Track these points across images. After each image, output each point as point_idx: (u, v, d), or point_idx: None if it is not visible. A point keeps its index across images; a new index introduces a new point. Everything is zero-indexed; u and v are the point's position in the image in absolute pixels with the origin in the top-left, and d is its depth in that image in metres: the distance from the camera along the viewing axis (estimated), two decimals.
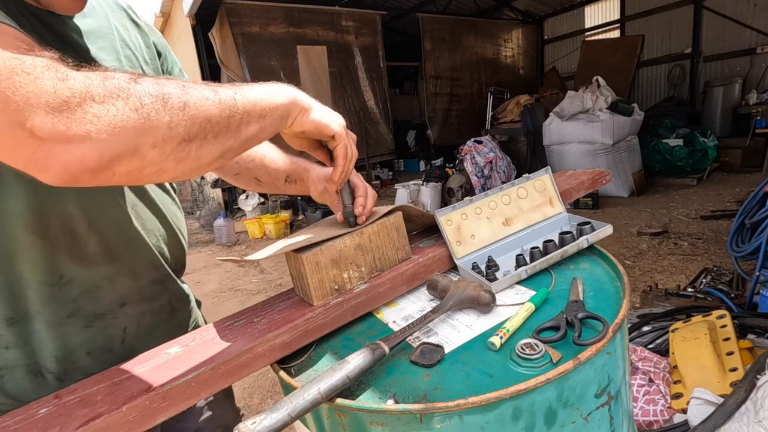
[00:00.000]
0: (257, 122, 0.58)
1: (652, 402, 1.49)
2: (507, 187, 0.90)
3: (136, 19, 0.85)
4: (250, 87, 0.60)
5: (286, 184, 0.95)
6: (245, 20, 7.51)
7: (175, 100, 0.49)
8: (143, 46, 0.84)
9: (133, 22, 0.85)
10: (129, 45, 0.79)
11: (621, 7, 9.60)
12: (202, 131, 0.51)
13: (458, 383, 0.56)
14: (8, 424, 0.55)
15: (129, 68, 0.77)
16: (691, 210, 4.98)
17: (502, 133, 7.49)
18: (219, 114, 0.53)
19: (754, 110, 6.79)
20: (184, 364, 0.61)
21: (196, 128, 0.50)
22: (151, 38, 0.87)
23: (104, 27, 0.75)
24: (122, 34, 0.79)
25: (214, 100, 0.52)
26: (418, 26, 9.71)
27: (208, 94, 0.52)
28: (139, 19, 0.86)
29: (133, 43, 0.81)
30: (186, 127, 0.50)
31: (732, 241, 2.47)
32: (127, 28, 0.82)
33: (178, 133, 0.49)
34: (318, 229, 0.84)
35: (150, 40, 0.87)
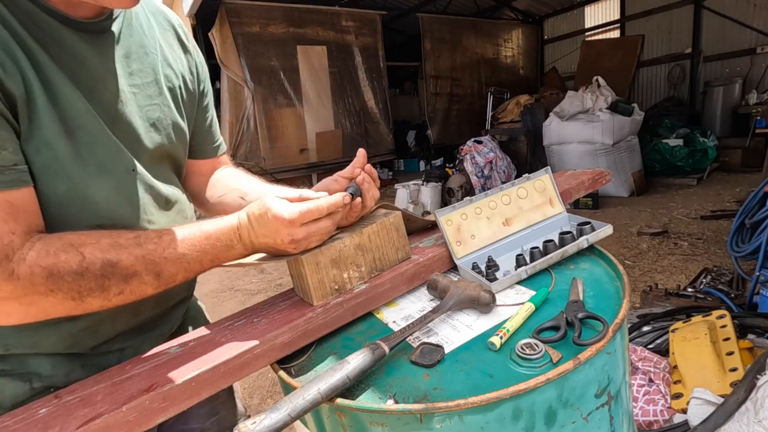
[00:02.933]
0: (194, 275, 0.68)
1: (652, 402, 1.49)
2: (507, 187, 0.90)
3: (184, 40, 0.86)
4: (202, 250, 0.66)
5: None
6: (245, 20, 7.51)
7: (113, 290, 0.59)
8: (186, 67, 0.84)
9: (181, 42, 0.85)
10: (171, 65, 0.80)
11: (621, 7, 9.60)
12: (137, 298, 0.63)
13: (458, 383, 0.56)
14: (8, 424, 0.55)
15: (167, 90, 0.78)
16: (691, 210, 4.98)
17: (502, 133, 7.48)
18: (154, 290, 0.64)
19: (754, 110, 6.79)
20: (184, 364, 0.61)
21: (130, 299, 0.62)
22: (195, 59, 0.88)
23: (148, 46, 0.75)
24: (166, 53, 0.80)
25: (152, 284, 0.63)
26: (418, 26, 9.70)
27: (148, 279, 0.62)
28: (188, 41, 0.87)
29: (175, 63, 0.81)
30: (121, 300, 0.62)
31: (732, 241, 2.47)
32: (172, 47, 0.82)
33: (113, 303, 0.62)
34: None
35: (194, 62, 0.88)
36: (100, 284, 0.58)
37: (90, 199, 0.65)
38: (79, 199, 0.64)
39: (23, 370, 0.67)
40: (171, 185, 0.81)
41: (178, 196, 0.83)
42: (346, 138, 8.87)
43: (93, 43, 0.66)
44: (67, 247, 0.57)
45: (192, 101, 0.86)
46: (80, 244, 0.58)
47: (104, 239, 0.60)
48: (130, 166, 0.70)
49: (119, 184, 0.68)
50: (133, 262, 0.60)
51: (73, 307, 0.58)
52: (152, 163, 0.76)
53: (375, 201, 0.83)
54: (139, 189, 0.72)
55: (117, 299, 0.61)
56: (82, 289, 0.57)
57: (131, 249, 0.61)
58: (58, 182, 0.62)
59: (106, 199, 0.67)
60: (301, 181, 8.50)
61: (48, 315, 0.59)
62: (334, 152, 8.69)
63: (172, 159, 0.82)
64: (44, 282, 0.55)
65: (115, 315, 0.72)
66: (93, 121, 0.64)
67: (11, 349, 0.66)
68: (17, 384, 0.66)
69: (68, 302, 0.57)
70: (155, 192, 0.75)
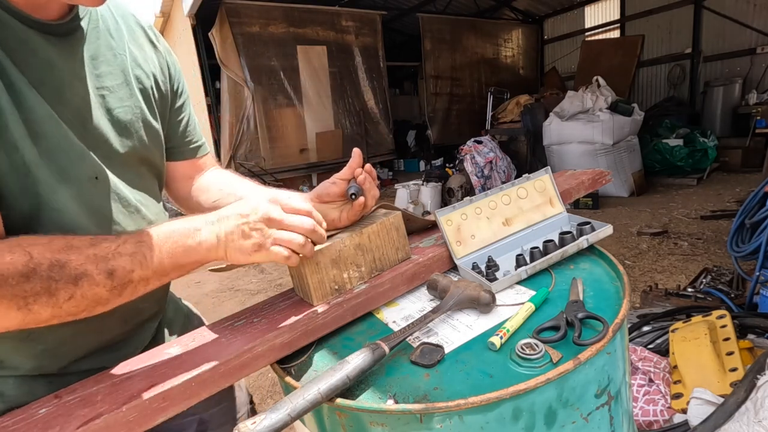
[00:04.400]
0: (158, 280, 0.62)
1: (652, 402, 1.49)
2: (507, 187, 0.90)
3: (153, 39, 0.84)
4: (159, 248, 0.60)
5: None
6: (245, 20, 7.52)
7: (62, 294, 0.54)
8: (157, 67, 0.83)
9: (151, 42, 0.83)
10: (141, 65, 0.78)
11: (621, 7, 9.60)
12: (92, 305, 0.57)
13: (458, 383, 0.56)
14: (8, 424, 0.55)
15: (138, 92, 0.76)
16: (691, 210, 4.98)
17: (502, 133, 7.49)
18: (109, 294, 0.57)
19: (754, 110, 6.79)
20: (184, 364, 0.61)
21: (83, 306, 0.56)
22: (166, 59, 0.86)
23: (116, 48, 0.73)
24: (135, 54, 0.78)
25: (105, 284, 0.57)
26: (418, 26, 9.70)
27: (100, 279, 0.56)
28: (158, 41, 0.85)
29: (146, 63, 0.80)
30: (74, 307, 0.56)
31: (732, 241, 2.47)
32: (143, 47, 0.81)
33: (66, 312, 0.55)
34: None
35: (165, 61, 0.86)
36: (47, 287, 0.53)
37: (54, 205, 0.62)
38: (46, 206, 0.62)
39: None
40: (143, 192, 0.78)
41: (150, 204, 0.79)
42: (346, 138, 8.88)
43: (59, 46, 0.64)
44: (14, 247, 0.53)
45: (164, 101, 0.84)
46: (30, 244, 0.54)
47: (58, 241, 0.56)
48: (93, 174, 0.67)
49: (80, 192, 0.65)
50: (83, 261, 0.55)
51: (20, 318, 0.53)
52: (125, 168, 0.73)
53: (375, 200, 0.82)
54: (102, 197, 0.68)
55: (68, 305, 0.55)
56: (28, 294, 0.52)
57: (83, 249, 0.56)
58: (27, 187, 0.60)
59: (68, 207, 0.64)
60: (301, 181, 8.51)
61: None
62: (334, 152, 8.70)
63: (148, 163, 0.79)
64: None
65: (76, 334, 0.68)
66: (55, 127, 0.62)
67: None
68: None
69: (13, 312, 0.52)
70: (123, 200, 0.72)
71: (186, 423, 0.88)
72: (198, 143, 0.95)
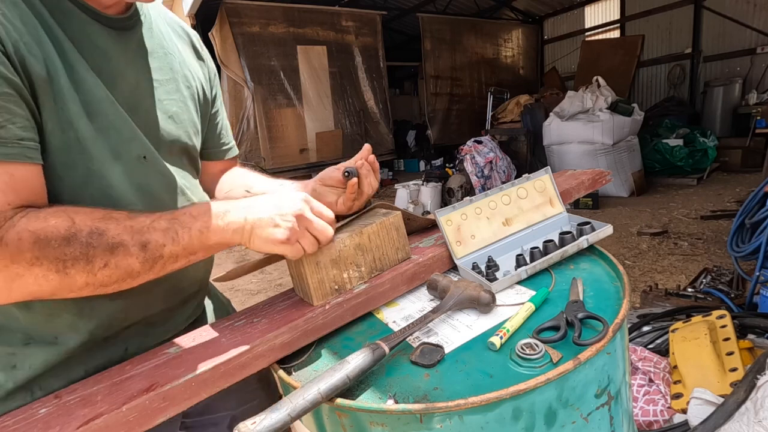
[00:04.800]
0: (186, 259, 0.64)
1: (652, 402, 1.49)
2: (507, 187, 0.90)
3: (198, 48, 0.92)
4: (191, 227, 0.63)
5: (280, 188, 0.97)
6: (245, 20, 7.51)
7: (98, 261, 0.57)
8: (200, 74, 0.89)
9: (195, 50, 0.91)
10: (188, 68, 0.85)
11: (621, 7, 9.59)
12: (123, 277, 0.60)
13: (458, 383, 0.56)
14: (8, 423, 0.55)
15: (185, 89, 0.82)
16: (691, 210, 4.98)
17: (502, 133, 7.48)
18: (140, 267, 0.60)
19: (754, 110, 6.79)
20: (184, 364, 0.61)
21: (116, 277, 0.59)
22: (208, 67, 0.94)
23: (167, 48, 0.80)
24: (183, 57, 0.85)
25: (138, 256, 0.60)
26: (418, 26, 9.70)
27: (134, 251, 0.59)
28: (202, 49, 0.93)
29: (191, 68, 0.86)
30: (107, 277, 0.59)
31: (732, 241, 2.47)
32: (189, 54, 0.88)
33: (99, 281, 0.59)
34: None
35: (207, 69, 0.93)
36: (85, 253, 0.56)
37: (106, 180, 0.67)
38: (97, 180, 0.66)
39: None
40: (185, 179, 0.82)
41: (194, 188, 0.84)
42: (346, 138, 8.87)
43: (117, 39, 0.70)
44: (59, 212, 0.57)
45: (206, 106, 0.90)
46: (74, 211, 0.58)
47: (99, 211, 0.60)
48: (142, 153, 0.72)
49: (130, 170, 0.70)
50: (120, 231, 0.59)
51: (57, 282, 0.56)
52: (169, 155, 0.79)
53: (373, 190, 0.87)
54: (150, 176, 0.73)
55: (102, 273, 0.58)
56: (67, 258, 0.55)
57: (121, 220, 0.60)
58: (79, 161, 0.64)
59: (119, 184, 0.69)
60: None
61: (31, 295, 0.57)
62: (334, 152, 8.69)
63: (189, 154, 0.85)
64: (30, 248, 0.54)
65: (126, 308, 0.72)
66: (111, 108, 0.67)
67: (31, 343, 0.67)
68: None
69: (51, 275, 0.55)
70: (169, 180, 0.77)
71: (218, 418, 0.91)
72: (229, 145, 1.02)
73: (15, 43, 0.56)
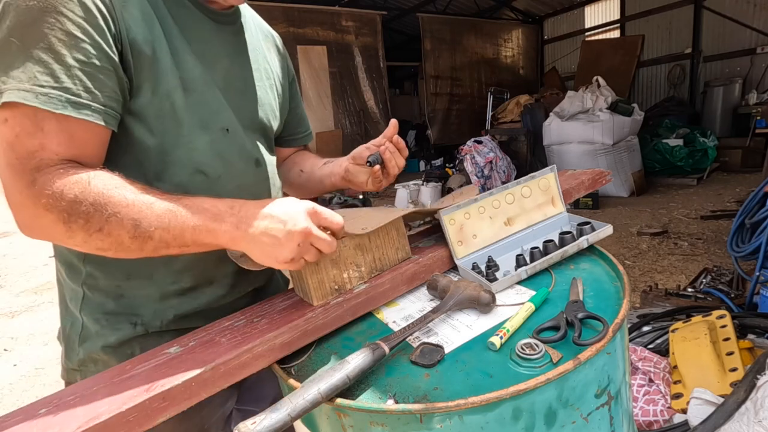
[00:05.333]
0: (178, 248, 0.67)
1: (652, 402, 1.49)
2: (511, 186, 0.90)
3: (280, 47, 1.03)
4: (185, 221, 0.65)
5: (322, 165, 1.07)
6: None
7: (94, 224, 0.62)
8: (279, 69, 1.00)
9: (278, 49, 1.02)
10: (270, 63, 0.96)
11: (621, 7, 9.60)
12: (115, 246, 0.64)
13: (458, 383, 0.56)
14: (8, 423, 0.55)
15: (266, 78, 0.93)
16: (691, 210, 4.98)
17: (502, 133, 7.49)
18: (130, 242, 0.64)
19: (754, 110, 6.79)
20: (184, 364, 0.61)
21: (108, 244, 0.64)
22: (288, 65, 1.05)
23: (256, 44, 0.93)
24: (266, 54, 0.96)
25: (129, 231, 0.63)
26: (418, 26, 9.70)
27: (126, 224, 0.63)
28: (283, 48, 1.05)
29: (274, 63, 0.98)
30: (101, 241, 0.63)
31: (732, 241, 2.47)
32: (271, 51, 0.99)
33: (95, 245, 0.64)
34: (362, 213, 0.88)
35: (287, 66, 1.04)
36: (85, 212, 0.61)
37: (192, 145, 0.76)
38: (185, 145, 0.75)
39: (131, 312, 0.79)
40: (261, 154, 0.89)
41: (268, 163, 0.91)
42: (346, 138, 8.87)
43: (218, 30, 0.82)
44: (82, 176, 0.63)
45: (284, 98, 1.01)
46: (96, 175, 0.64)
47: (117, 180, 0.65)
48: (225, 126, 0.81)
49: (214, 140, 0.79)
50: (120, 201, 0.63)
51: (63, 232, 0.62)
52: (251, 131, 0.88)
53: (400, 169, 0.95)
54: (231, 147, 0.82)
55: (96, 237, 0.63)
56: (72, 213, 0.61)
57: (128, 194, 0.64)
58: (173, 126, 0.74)
59: (203, 150, 0.77)
60: None
61: (49, 236, 0.65)
62: (334, 152, 8.68)
63: (266, 134, 0.93)
64: (48, 197, 0.61)
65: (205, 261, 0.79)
66: (205, 86, 0.77)
67: (131, 278, 0.77)
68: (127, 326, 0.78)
69: (60, 226, 0.62)
70: (246, 153, 0.85)
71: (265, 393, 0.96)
72: (306, 133, 1.14)
73: (128, 29, 0.67)
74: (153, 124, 0.73)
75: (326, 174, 1.04)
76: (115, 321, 0.78)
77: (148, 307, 0.79)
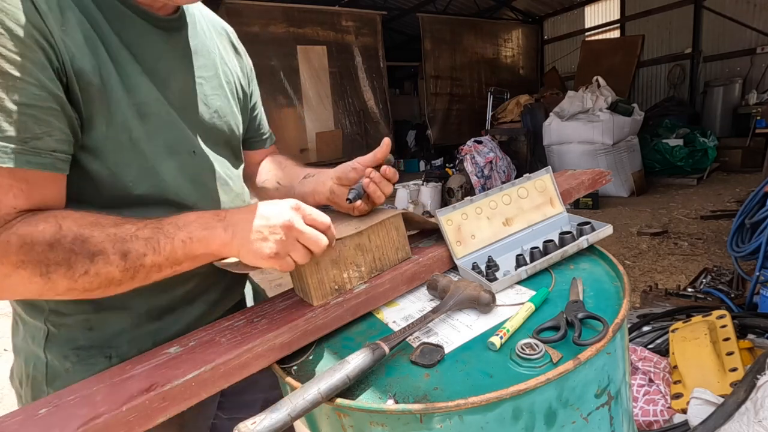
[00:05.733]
0: (170, 269, 0.64)
1: (652, 402, 1.49)
2: (507, 187, 0.90)
3: (236, 44, 0.95)
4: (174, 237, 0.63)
5: (302, 180, 0.98)
6: (245, 20, 7.51)
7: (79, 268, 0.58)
8: (239, 69, 0.93)
9: (233, 46, 0.95)
10: (227, 63, 0.89)
11: (621, 7, 9.59)
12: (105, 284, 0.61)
13: (458, 383, 0.56)
14: (8, 423, 0.55)
15: (225, 84, 0.86)
16: (691, 210, 4.98)
17: (502, 133, 7.48)
18: (121, 276, 0.61)
19: (754, 110, 6.79)
20: (184, 364, 0.61)
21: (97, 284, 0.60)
22: (245, 62, 0.97)
23: (209, 46, 0.84)
24: (222, 54, 0.89)
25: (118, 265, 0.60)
26: (418, 26, 9.70)
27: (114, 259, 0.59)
28: (239, 45, 0.97)
29: (230, 64, 0.91)
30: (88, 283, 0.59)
31: (732, 241, 2.47)
32: (227, 50, 0.92)
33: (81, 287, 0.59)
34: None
35: (245, 64, 0.97)
36: (67, 259, 0.57)
37: (160, 176, 0.71)
38: (150, 177, 0.70)
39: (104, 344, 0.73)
40: (228, 169, 0.86)
41: (236, 179, 0.88)
42: (346, 138, 8.87)
43: (168, 40, 0.74)
44: (49, 218, 0.58)
45: (245, 98, 0.95)
46: (64, 216, 0.59)
47: (89, 217, 0.61)
48: (192, 149, 0.76)
49: (183, 164, 0.74)
50: (103, 239, 0.59)
51: (41, 285, 0.57)
52: (214, 147, 0.83)
53: (385, 198, 0.84)
54: (200, 169, 0.78)
55: (82, 280, 0.58)
56: (50, 263, 0.56)
57: (107, 228, 0.60)
58: (133, 159, 0.68)
59: (173, 177, 0.73)
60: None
61: (19, 294, 0.60)
62: (334, 152, 8.69)
63: (231, 146, 0.89)
64: (16, 251, 0.56)
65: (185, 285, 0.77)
66: (162, 109, 0.71)
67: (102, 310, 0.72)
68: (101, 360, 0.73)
69: (36, 278, 0.57)
70: (215, 173, 0.81)
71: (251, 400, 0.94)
72: (267, 135, 1.07)
73: (71, 58, 0.60)
74: (111, 159, 0.66)
75: (308, 192, 0.94)
76: (86, 356, 0.72)
77: (123, 336, 0.74)
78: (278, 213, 0.64)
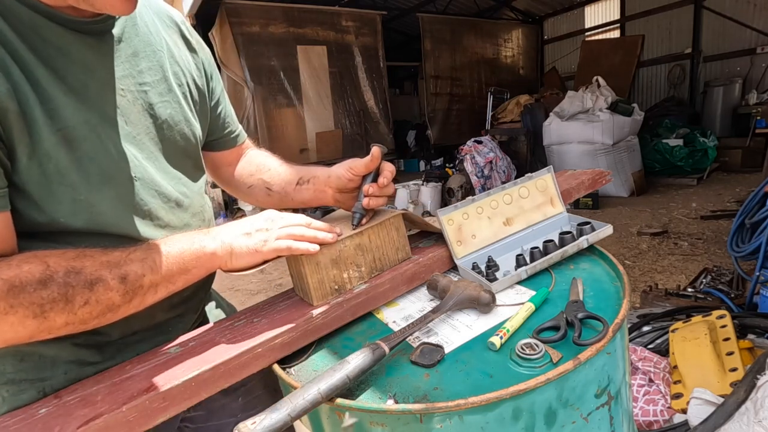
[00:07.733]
0: (165, 288, 0.63)
1: (652, 402, 1.49)
2: (509, 187, 0.90)
3: (188, 36, 0.84)
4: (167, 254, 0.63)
5: (297, 187, 0.92)
6: (245, 20, 7.51)
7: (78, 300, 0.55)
8: (193, 65, 0.83)
9: (185, 39, 0.84)
10: (178, 62, 0.79)
11: (621, 7, 9.59)
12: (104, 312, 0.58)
13: (458, 383, 0.56)
14: (8, 424, 0.55)
15: (176, 87, 0.77)
16: (691, 210, 4.98)
17: (502, 133, 7.48)
18: (121, 300, 0.59)
19: (754, 110, 6.78)
20: (184, 364, 0.61)
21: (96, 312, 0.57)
22: (201, 56, 0.87)
23: (155, 44, 0.74)
24: (173, 50, 0.78)
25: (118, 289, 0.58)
26: (418, 26, 9.69)
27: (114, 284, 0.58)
28: (191, 36, 0.85)
29: (182, 61, 0.80)
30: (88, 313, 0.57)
31: (732, 241, 2.47)
32: (178, 45, 0.81)
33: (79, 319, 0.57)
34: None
35: (199, 58, 0.86)
36: (63, 294, 0.54)
37: (95, 208, 0.63)
38: (85, 210, 0.63)
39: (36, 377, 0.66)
40: (185, 186, 0.79)
41: (193, 196, 0.80)
42: (346, 138, 8.87)
43: (96, 47, 0.64)
44: (29, 258, 0.55)
45: (203, 98, 0.85)
46: (45, 255, 0.56)
47: (72, 251, 0.57)
48: (133, 174, 0.68)
49: (122, 192, 0.66)
50: (97, 267, 0.57)
51: (35, 326, 0.53)
52: (168, 162, 0.75)
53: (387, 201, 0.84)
54: (144, 195, 0.69)
55: (82, 311, 0.56)
56: (45, 302, 0.53)
57: (96, 257, 0.58)
58: (63, 193, 0.60)
59: (111, 207, 0.65)
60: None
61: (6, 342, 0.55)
62: (334, 152, 8.69)
63: (188, 155, 0.80)
64: (5, 297, 0.51)
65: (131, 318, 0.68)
66: (92, 132, 0.62)
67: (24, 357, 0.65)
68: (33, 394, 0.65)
69: (29, 321, 0.52)
70: (164, 195, 0.73)
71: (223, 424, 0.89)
72: (236, 133, 0.99)
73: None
74: (37, 194, 0.58)
75: (308, 199, 0.91)
76: (16, 390, 0.64)
77: (58, 368, 0.66)
78: (259, 215, 0.71)
